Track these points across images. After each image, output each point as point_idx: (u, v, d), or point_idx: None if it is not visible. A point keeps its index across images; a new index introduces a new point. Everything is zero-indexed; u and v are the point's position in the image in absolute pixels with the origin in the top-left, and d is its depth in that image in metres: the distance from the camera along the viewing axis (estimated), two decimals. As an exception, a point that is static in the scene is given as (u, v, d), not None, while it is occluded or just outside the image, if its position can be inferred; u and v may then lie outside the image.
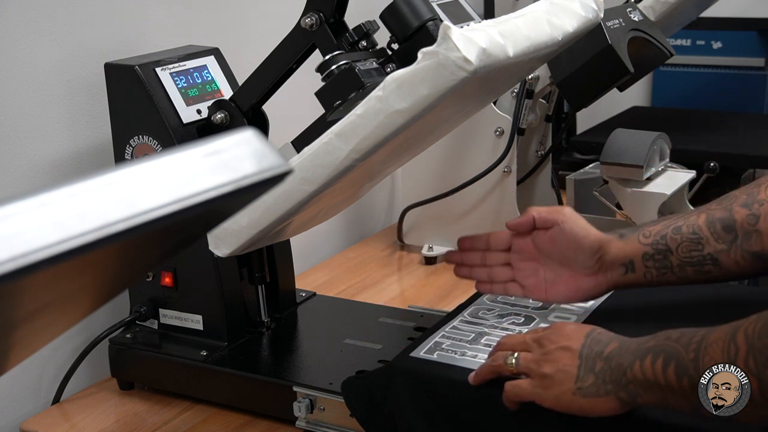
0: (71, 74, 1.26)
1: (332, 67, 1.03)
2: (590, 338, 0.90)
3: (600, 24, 1.31)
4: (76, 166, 1.28)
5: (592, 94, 1.48)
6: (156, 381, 1.25)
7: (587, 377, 0.87)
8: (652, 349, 0.84)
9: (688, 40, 2.46)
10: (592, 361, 0.88)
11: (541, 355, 0.91)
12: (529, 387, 0.91)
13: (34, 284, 0.39)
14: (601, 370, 0.87)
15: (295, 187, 0.91)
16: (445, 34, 0.83)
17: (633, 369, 0.84)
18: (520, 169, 1.70)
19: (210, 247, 1.00)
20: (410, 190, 1.72)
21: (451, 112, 1.02)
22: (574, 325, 0.94)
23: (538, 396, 0.90)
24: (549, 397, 0.89)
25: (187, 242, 0.54)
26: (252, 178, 0.44)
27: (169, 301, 1.25)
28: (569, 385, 0.88)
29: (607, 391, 0.86)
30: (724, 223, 1.02)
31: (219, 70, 1.26)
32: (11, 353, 0.50)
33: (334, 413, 1.10)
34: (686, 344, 0.82)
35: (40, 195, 0.38)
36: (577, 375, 0.88)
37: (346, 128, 0.89)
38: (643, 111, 2.44)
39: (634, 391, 0.85)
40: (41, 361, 1.28)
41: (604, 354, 0.88)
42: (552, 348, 0.91)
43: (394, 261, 1.73)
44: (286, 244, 1.32)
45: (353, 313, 1.38)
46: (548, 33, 0.95)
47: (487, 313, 1.13)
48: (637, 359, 0.84)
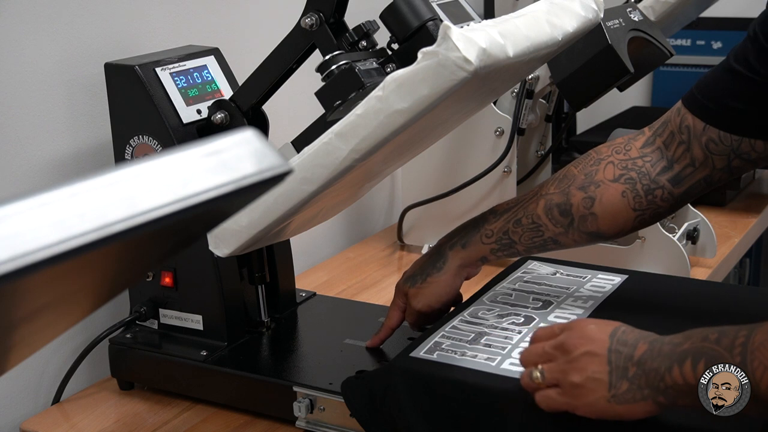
0: (71, 74, 1.26)
1: (332, 67, 1.03)
2: (615, 339, 0.87)
3: (600, 24, 1.31)
4: (77, 166, 1.28)
5: (592, 94, 1.48)
6: (156, 381, 1.25)
7: (621, 384, 0.85)
8: (690, 353, 0.82)
9: (688, 40, 2.46)
10: (623, 366, 0.85)
11: (566, 363, 0.88)
12: (560, 397, 0.88)
13: (34, 284, 0.39)
14: (634, 376, 0.84)
15: (295, 187, 0.91)
16: (445, 34, 0.83)
17: (672, 374, 0.82)
18: (520, 169, 1.70)
19: (210, 247, 1.00)
20: (410, 190, 1.72)
21: (451, 112, 1.02)
22: (596, 324, 0.90)
23: (570, 405, 0.88)
24: (582, 405, 0.87)
25: (187, 242, 0.54)
26: (252, 178, 0.44)
27: (169, 301, 1.25)
28: (602, 392, 0.85)
29: (644, 396, 0.84)
30: (561, 208, 1.10)
31: (219, 70, 1.26)
32: (11, 353, 0.50)
33: (334, 413, 1.10)
34: (729, 347, 0.80)
35: (40, 195, 0.38)
36: (610, 382, 0.85)
37: (346, 128, 0.89)
38: (643, 111, 2.44)
39: (673, 395, 0.82)
40: (41, 361, 1.28)
41: (635, 358, 0.85)
42: (577, 354, 0.88)
43: (394, 261, 1.73)
44: (286, 244, 1.32)
45: (353, 313, 1.38)
46: (548, 33, 0.95)
47: (487, 313, 1.13)
48: (675, 364, 0.82)
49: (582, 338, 0.88)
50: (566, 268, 1.26)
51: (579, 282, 1.21)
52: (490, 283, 1.23)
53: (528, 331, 1.07)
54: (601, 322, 0.91)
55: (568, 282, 1.21)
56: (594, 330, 0.89)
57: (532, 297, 1.17)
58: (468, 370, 0.98)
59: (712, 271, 1.58)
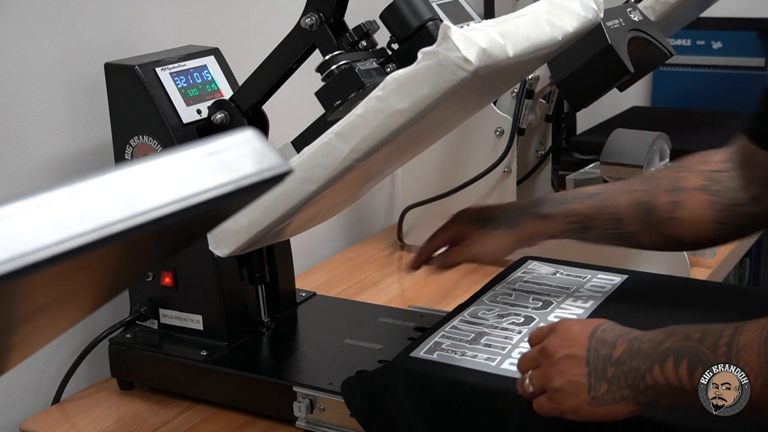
0: (71, 74, 1.26)
1: (332, 67, 1.03)
2: (594, 339, 0.87)
3: (600, 24, 1.31)
4: (77, 166, 1.28)
5: (592, 94, 1.48)
6: (156, 381, 1.25)
7: (600, 385, 0.85)
8: (672, 352, 0.81)
9: (688, 40, 2.46)
10: (602, 367, 0.85)
11: (549, 368, 0.88)
12: (548, 403, 0.88)
13: (34, 284, 0.39)
14: (613, 376, 0.84)
15: (295, 187, 0.91)
16: (445, 34, 0.83)
17: (653, 374, 0.81)
18: (520, 169, 1.70)
19: (210, 247, 1.00)
20: (410, 190, 1.72)
21: (451, 112, 1.02)
22: (579, 325, 0.90)
23: (558, 411, 0.88)
24: (567, 410, 0.87)
25: (187, 242, 0.54)
26: (252, 178, 0.44)
27: (169, 301, 1.25)
28: (583, 395, 0.85)
29: (624, 396, 0.83)
30: (647, 207, 1.08)
31: (219, 70, 1.26)
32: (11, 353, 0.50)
33: (334, 413, 1.10)
34: (713, 347, 0.79)
35: (40, 195, 0.38)
36: (589, 384, 0.85)
37: (346, 128, 0.89)
38: (643, 111, 2.44)
39: (654, 395, 0.82)
40: (41, 361, 1.28)
41: (613, 358, 0.84)
42: (557, 357, 0.87)
43: (394, 261, 1.73)
44: (286, 244, 1.32)
45: (353, 313, 1.38)
46: (548, 33, 0.95)
47: (487, 313, 1.13)
48: (656, 363, 0.81)
49: (563, 340, 0.88)
50: (566, 268, 1.26)
51: (579, 282, 1.21)
52: (490, 283, 1.23)
53: (528, 331, 1.07)
54: (586, 322, 0.91)
55: (568, 282, 1.21)
56: (576, 330, 0.89)
57: (532, 297, 1.17)
58: (468, 370, 0.98)
59: (712, 271, 1.58)
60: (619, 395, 0.84)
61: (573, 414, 0.86)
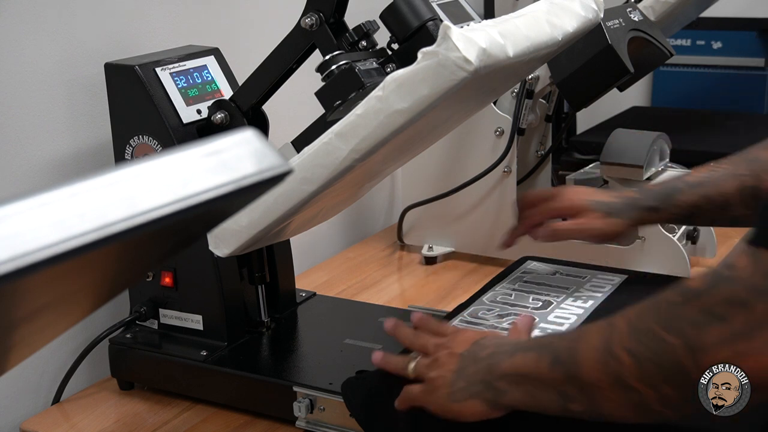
0: (71, 74, 1.26)
1: (332, 67, 1.03)
2: (477, 343, 0.90)
3: (600, 24, 1.31)
4: (77, 166, 1.28)
5: (592, 94, 1.48)
6: (156, 381, 1.25)
7: (459, 381, 0.87)
8: (527, 345, 0.84)
9: (688, 40, 2.46)
10: (466, 365, 0.88)
11: (432, 361, 0.91)
12: (418, 392, 0.91)
13: (34, 284, 0.39)
14: (472, 373, 0.86)
15: (295, 187, 0.91)
16: (445, 34, 0.83)
17: (502, 366, 0.84)
18: (520, 169, 1.70)
19: (210, 247, 1.00)
20: (410, 190, 1.72)
21: (451, 112, 1.02)
22: (473, 332, 0.94)
23: (425, 401, 0.90)
24: (432, 402, 0.90)
25: (187, 242, 0.54)
26: (252, 178, 0.44)
27: (169, 301, 1.25)
28: (445, 389, 0.88)
29: (471, 393, 0.86)
30: (754, 191, 1.10)
31: (219, 70, 1.26)
32: (11, 353, 0.50)
33: (334, 413, 1.10)
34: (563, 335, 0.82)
35: (40, 195, 0.38)
36: (451, 380, 0.88)
37: (346, 128, 0.89)
38: (643, 111, 2.44)
39: (501, 389, 0.84)
40: (41, 361, 1.28)
41: (479, 356, 0.87)
42: (442, 354, 0.91)
43: (394, 261, 1.73)
44: (286, 244, 1.32)
45: (353, 313, 1.38)
46: (548, 33, 0.95)
47: (487, 313, 1.13)
48: (509, 356, 0.84)
49: (453, 341, 0.92)
50: (566, 268, 1.26)
51: (579, 282, 1.21)
52: (490, 283, 1.23)
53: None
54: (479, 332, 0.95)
55: (568, 282, 1.21)
56: (469, 335, 0.92)
57: (532, 297, 1.17)
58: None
59: (712, 271, 1.58)
60: (468, 392, 0.86)
61: (435, 407, 0.89)
